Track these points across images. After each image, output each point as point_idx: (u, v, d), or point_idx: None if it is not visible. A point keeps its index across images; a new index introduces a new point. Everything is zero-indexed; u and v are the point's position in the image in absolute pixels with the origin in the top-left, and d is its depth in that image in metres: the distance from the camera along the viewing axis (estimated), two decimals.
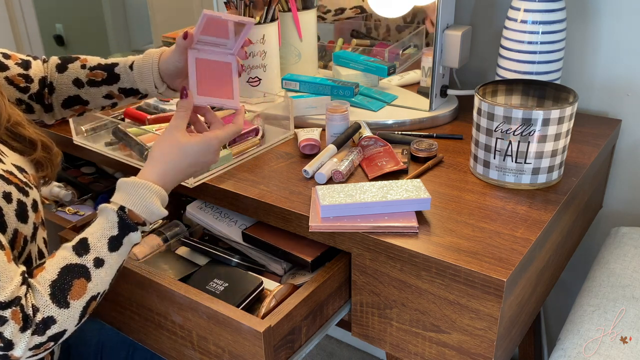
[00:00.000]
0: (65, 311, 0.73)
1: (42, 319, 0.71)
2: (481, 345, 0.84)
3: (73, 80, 1.02)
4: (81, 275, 0.75)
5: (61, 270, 0.74)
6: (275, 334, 0.82)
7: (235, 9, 1.25)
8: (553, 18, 1.11)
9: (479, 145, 1.00)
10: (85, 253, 0.76)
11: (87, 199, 1.31)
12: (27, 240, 0.79)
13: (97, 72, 1.02)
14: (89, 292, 0.76)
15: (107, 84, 1.03)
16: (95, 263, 0.77)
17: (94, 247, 0.77)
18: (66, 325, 0.74)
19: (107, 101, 1.05)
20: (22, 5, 2.61)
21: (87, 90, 1.03)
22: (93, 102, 1.05)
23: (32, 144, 0.86)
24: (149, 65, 1.00)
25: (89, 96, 1.04)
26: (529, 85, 1.06)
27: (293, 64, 1.40)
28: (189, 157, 0.87)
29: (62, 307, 0.73)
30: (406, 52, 1.43)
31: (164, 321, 0.94)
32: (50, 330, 0.72)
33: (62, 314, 0.73)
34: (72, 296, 0.74)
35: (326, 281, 0.91)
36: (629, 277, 1.07)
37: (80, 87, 1.03)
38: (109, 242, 0.78)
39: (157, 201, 0.82)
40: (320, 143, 1.13)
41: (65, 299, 0.73)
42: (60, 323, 0.73)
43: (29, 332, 0.70)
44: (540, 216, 0.91)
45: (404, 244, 0.85)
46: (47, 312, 0.72)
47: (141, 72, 1.01)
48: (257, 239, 1.03)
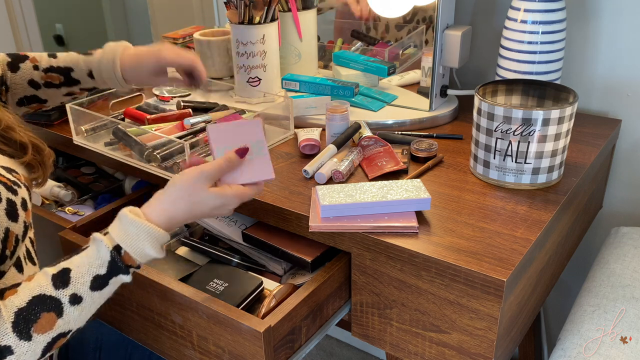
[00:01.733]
0: (25, 344, 0.67)
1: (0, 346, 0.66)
2: (481, 345, 0.84)
3: (28, 81, 1.05)
4: (51, 310, 0.69)
5: (32, 299, 0.69)
6: (275, 334, 0.82)
7: (235, 9, 1.25)
8: (553, 18, 1.10)
9: (479, 145, 1.00)
10: (63, 287, 0.71)
11: (87, 199, 1.31)
12: (18, 239, 0.77)
13: (52, 75, 1.06)
14: (57, 328, 0.70)
15: (66, 85, 1.07)
16: (72, 299, 0.71)
17: (74, 281, 0.71)
18: (25, 358, 0.68)
19: (67, 98, 1.10)
20: (22, 5, 2.60)
21: (44, 91, 1.06)
22: (52, 100, 1.09)
23: (22, 148, 0.83)
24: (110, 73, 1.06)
25: (48, 96, 1.07)
26: (529, 85, 1.06)
27: (293, 64, 1.40)
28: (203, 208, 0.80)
29: (23, 339, 0.67)
30: (406, 52, 1.43)
31: (164, 321, 0.94)
32: None
33: (21, 346, 0.67)
34: (37, 329, 0.68)
35: (326, 281, 0.91)
36: (629, 277, 1.07)
37: (37, 88, 1.05)
38: (93, 280, 0.72)
39: (157, 247, 0.76)
40: (320, 143, 1.13)
41: (28, 331, 0.67)
42: (18, 355, 0.67)
43: None
44: (540, 216, 0.91)
45: (404, 244, 0.85)
46: (5, 341, 0.66)
47: (102, 79, 1.07)
48: (257, 239, 1.03)
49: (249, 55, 1.28)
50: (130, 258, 0.75)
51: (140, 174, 1.15)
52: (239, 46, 1.28)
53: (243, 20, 1.25)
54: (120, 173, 1.36)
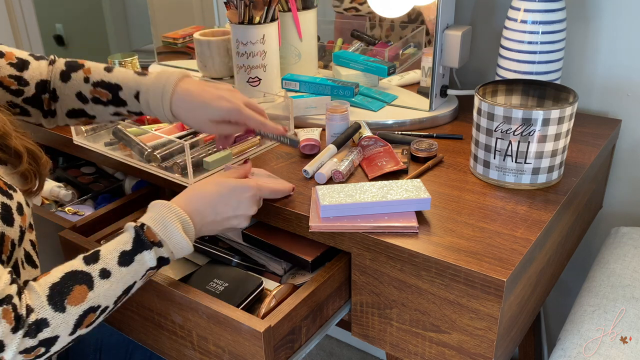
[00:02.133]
0: (60, 315, 0.70)
1: (36, 320, 0.69)
2: (481, 345, 0.84)
3: (77, 94, 0.97)
4: (83, 282, 0.73)
5: (64, 275, 0.73)
6: (275, 334, 0.82)
7: (235, 9, 1.25)
8: (553, 18, 1.11)
9: (479, 145, 1.00)
10: (94, 262, 0.75)
11: (87, 199, 1.31)
12: (14, 244, 0.77)
13: (100, 91, 0.96)
14: (88, 300, 0.73)
15: (114, 105, 0.97)
16: (101, 273, 0.74)
17: (103, 258, 0.75)
18: (59, 331, 0.71)
19: (115, 117, 1.01)
20: (22, 5, 2.60)
21: (92, 107, 0.98)
22: (100, 117, 1.00)
23: (17, 156, 0.80)
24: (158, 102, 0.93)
25: (96, 112, 0.99)
26: (529, 85, 1.06)
27: (293, 64, 1.40)
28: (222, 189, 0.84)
29: (58, 311, 0.70)
30: (406, 52, 1.43)
31: (164, 321, 0.94)
32: (42, 334, 0.69)
33: (56, 318, 0.70)
34: (70, 301, 0.71)
35: (326, 281, 0.91)
36: (629, 277, 1.07)
37: (85, 102, 0.97)
38: (120, 255, 0.76)
39: (177, 223, 0.79)
40: (320, 143, 1.13)
41: (62, 303, 0.71)
42: (53, 327, 0.70)
43: (21, 333, 0.68)
44: (540, 216, 0.91)
45: (404, 244, 0.85)
46: (42, 313, 0.69)
47: (149, 106, 0.95)
48: (257, 239, 1.03)
49: (249, 55, 1.28)
50: (152, 233, 0.78)
51: (140, 174, 1.15)
52: (239, 46, 1.28)
53: (243, 20, 1.25)
54: (120, 173, 1.36)
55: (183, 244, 0.81)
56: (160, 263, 0.80)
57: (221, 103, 0.93)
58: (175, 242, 0.80)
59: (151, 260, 0.78)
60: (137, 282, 0.79)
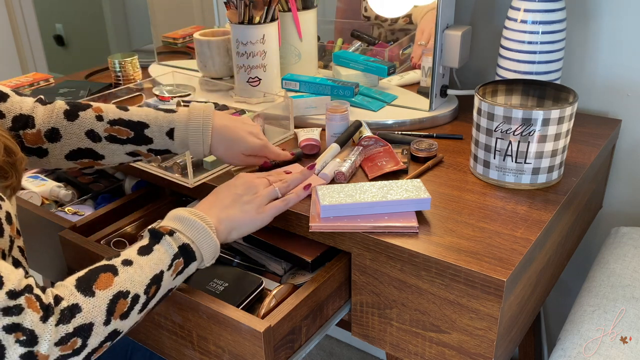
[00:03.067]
0: (90, 299, 0.70)
1: (67, 306, 0.68)
2: (481, 345, 0.84)
3: (87, 132, 0.93)
4: (108, 270, 0.74)
5: (89, 270, 0.74)
6: (275, 334, 0.82)
7: (235, 9, 1.25)
8: (553, 18, 1.11)
9: (479, 145, 1.00)
10: (115, 257, 0.77)
11: (87, 199, 1.31)
12: (5, 254, 0.75)
13: (120, 129, 0.94)
14: (115, 285, 0.73)
15: (134, 143, 0.95)
16: (123, 262, 0.76)
17: (124, 254, 0.78)
18: (92, 317, 0.69)
19: (129, 158, 0.97)
20: (22, 5, 2.61)
21: (105, 145, 0.94)
22: (110, 158, 0.96)
23: None
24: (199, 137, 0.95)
25: (107, 151, 0.95)
26: (529, 85, 1.06)
27: (293, 64, 1.40)
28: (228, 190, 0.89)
29: (87, 296, 0.70)
30: (406, 52, 1.43)
31: (164, 321, 0.94)
32: (75, 320, 0.67)
33: (87, 302, 0.69)
34: (98, 286, 0.71)
35: (326, 281, 0.91)
36: (629, 277, 1.07)
37: (97, 140, 0.94)
38: (139, 249, 0.78)
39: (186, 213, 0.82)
40: (320, 143, 1.13)
41: (90, 288, 0.71)
42: (86, 312, 0.69)
43: (52, 320, 0.65)
44: (540, 216, 0.91)
45: (404, 244, 0.85)
46: (72, 299, 0.68)
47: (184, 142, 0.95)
48: (257, 239, 1.03)
49: (249, 55, 1.28)
50: (165, 227, 0.80)
51: (140, 174, 1.15)
52: (239, 46, 1.28)
53: (243, 20, 1.26)
54: (120, 173, 1.36)
55: (196, 225, 0.81)
56: (183, 252, 0.79)
57: (253, 139, 1.00)
58: (189, 225, 0.81)
59: (169, 246, 0.79)
60: (166, 273, 0.78)
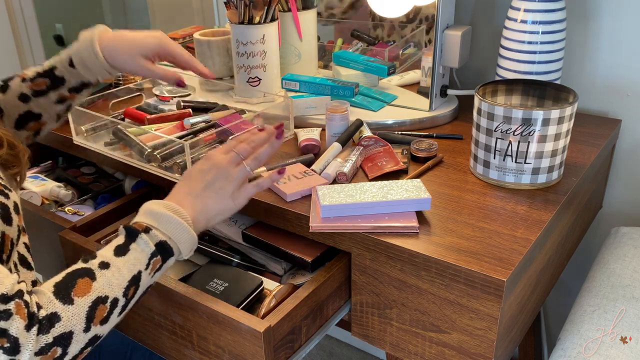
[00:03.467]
0: (69, 307, 0.69)
1: (46, 315, 0.67)
2: (481, 345, 0.84)
3: (18, 96, 0.98)
4: (85, 275, 0.73)
5: (66, 274, 0.73)
6: (275, 334, 0.82)
7: (235, 9, 1.25)
8: (553, 18, 1.11)
9: (479, 145, 1.00)
10: (91, 259, 0.75)
11: (87, 198, 1.31)
12: (13, 243, 0.77)
13: (39, 81, 0.98)
14: (94, 291, 0.72)
15: (53, 89, 0.99)
16: (100, 265, 0.74)
17: (100, 255, 0.76)
18: (71, 325, 0.69)
19: (60, 106, 1.01)
20: (22, 5, 2.60)
21: (35, 103, 0.99)
22: (46, 113, 1.01)
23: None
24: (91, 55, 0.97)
25: (40, 108, 1.00)
26: (529, 85, 1.06)
27: (293, 64, 1.40)
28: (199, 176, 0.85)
29: (66, 304, 0.69)
30: (406, 52, 1.43)
31: (164, 321, 0.94)
32: (55, 329, 0.68)
33: (66, 311, 0.69)
34: (76, 293, 0.70)
35: (326, 281, 0.91)
36: (629, 277, 1.07)
37: (27, 101, 0.98)
38: (115, 249, 0.77)
39: (160, 207, 0.79)
40: (320, 143, 1.13)
41: (69, 296, 0.70)
42: (65, 321, 0.69)
43: (35, 330, 0.66)
44: (540, 216, 0.91)
45: (404, 244, 0.85)
46: (51, 308, 0.68)
47: (84, 64, 0.97)
48: (257, 239, 1.03)
49: (249, 55, 1.28)
50: (139, 224, 0.79)
51: (140, 174, 1.15)
52: (239, 46, 1.28)
53: (243, 20, 1.26)
54: (120, 173, 1.36)
55: (172, 220, 0.79)
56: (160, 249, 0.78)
57: (149, 39, 0.99)
58: (165, 221, 0.79)
59: (146, 245, 0.77)
60: (144, 272, 0.77)
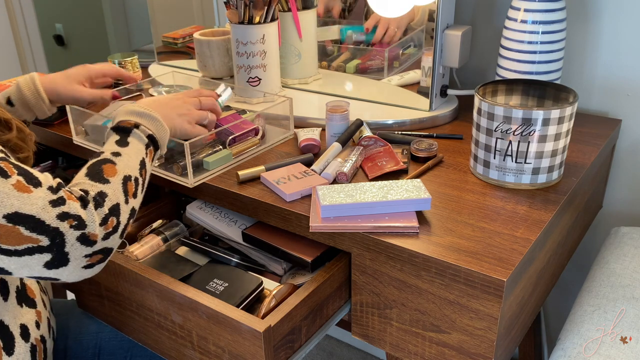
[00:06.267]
0: (109, 185, 0.79)
1: (95, 194, 0.77)
2: (481, 345, 0.84)
3: None
4: (107, 162, 0.83)
5: (89, 166, 0.82)
6: (275, 334, 0.82)
7: (235, 9, 1.25)
8: (553, 18, 1.11)
9: (479, 145, 1.00)
10: (102, 154, 0.85)
11: None
12: None
13: None
14: (120, 171, 0.82)
15: None
16: (113, 154, 0.84)
17: (106, 150, 0.85)
18: (116, 198, 0.79)
19: None
20: (22, 5, 2.60)
21: None
22: None
23: (7, 125, 0.86)
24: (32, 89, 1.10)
25: None
26: (529, 85, 1.06)
27: (293, 64, 1.40)
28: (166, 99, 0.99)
29: (105, 183, 0.79)
30: (406, 52, 1.43)
31: (164, 321, 0.94)
32: (107, 202, 0.77)
33: (108, 188, 0.79)
34: (107, 174, 0.80)
35: (326, 281, 0.91)
36: (629, 277, 1.07)
37: None
38: (116, 142, 0.87)
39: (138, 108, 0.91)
40: (320, 143, 1.13)
41: (103, 177, 0.80)
42: (111, 195, 0.78)
43: (91, 206, 0.75)
44: (540, 216, 0.91)
45: (404, 244, 0.85)
46: (95, 189, 0.78)
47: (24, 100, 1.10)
48: (257, 239, 1.03)
49: (249, 55, 1.28)
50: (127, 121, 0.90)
51: None
52: (239, 46, 1.28)
53: (243, 20, 1.25)
54: None
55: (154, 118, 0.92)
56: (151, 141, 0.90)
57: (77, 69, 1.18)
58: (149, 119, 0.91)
59: (140, 137, 0.89)
60: (146, 159, 0.89)
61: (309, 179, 1.00)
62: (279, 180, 0.99)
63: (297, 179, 1.00)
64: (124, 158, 0.84)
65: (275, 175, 1.01)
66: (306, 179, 1.00)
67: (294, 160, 1.07)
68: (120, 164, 0.83)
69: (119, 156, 0.84)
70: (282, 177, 1.00)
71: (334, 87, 1.39)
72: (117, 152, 0.85)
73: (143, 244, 1.07)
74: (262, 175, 1.02)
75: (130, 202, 0.82)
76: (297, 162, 1.06)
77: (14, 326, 0.86)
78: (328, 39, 1.49)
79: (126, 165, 0.84)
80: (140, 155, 0.87)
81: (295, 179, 1.00)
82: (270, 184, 1.00)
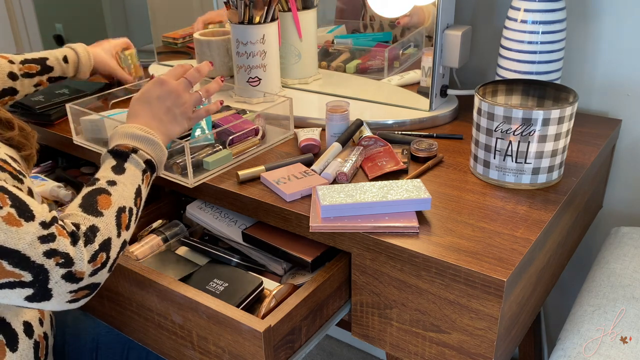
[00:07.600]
0: (102, 218, 0.78)
1: (87, 228, 0.76)
2: (481, 345, 0.84)
3: (7, 74, 1.20)
4: (102, 193, 0.81)
5: (83, 196, 0.81)
6: (275, 334, 0.82)
7: (235, 9, 1.25)
8: (553, 18, 1.11)
9: (479, 145, 1.00)
10: (97, 181, 0.84)
11: None
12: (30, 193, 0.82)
13: (31, 66, 1.24)
14: (114, 203, 0.81)
15: (40, 74, 1.25)
16: (109, 183, 0.83)
17: (101, 178, 0.84)
18: (108, 232, 0.78)
19: (33, 89, 1.26)
20: (22, 5, 2.60)
21: (21, 82, 1.22)
22: (22, 91, 1.24)
23: (8, 124, 0.86)
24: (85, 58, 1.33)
25: (22, 87, 1.23)
26: (529, 85, 1.06)
27: (293, 64, 1.40)
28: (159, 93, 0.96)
29: (98, 216, 0.78)
30: (406, 52, 1.43)
31: (164, 321, 0.94)
32: (98, 238, 0.76)
33: (100, 221, 0.78)
34: (101, 207, 0.79)
35: (326, 281, 0.91)
36: (629, 277, 1.07)
37: (15, 79, 1.21)
38: (112, 168, 0.85)
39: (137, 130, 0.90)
40: (320, 143, 1.13)
41: (97, 210, 0.79)
42: (103, 230, 0.78)
43: (81, 243, 0.74)
44: (540, 216, 0.91)
45: (404, 244, 0.85)
46: (88, 222, 0.77)
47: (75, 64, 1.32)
48: (257, 239, 1.03)
49: (249, 55, 1.28)
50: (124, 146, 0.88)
51: None
52: (239, 46, 1.28)
53: (243, 20, 1.25)
54: None
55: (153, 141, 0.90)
56: (149, 166, 0.89)
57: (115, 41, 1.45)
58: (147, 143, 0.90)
59: (138, 163, 0.87)
60: (142, 186, 0.88)
61: (309, 179, 1.00)
62: (279, 180, 0.99)
63: (297, 179, 1.00)
64: (119, 188, 0.83)
65: (275, 175, 1.01)
66: (306, 179, 1.00)
67: (294, 160, 1.07)
68: (115, 195, 0.82)
69: (115, 185, 0.83)
70: (282, 177, 1.00)
71: (334, 87, 1.39)
72: (112, 181, 0.84)
73: (143, 244, 1.07)
74: (262, 175, 1.02)
75: (122, 235, 0.81)
76: (297, 162, 1.06)
77: (17, 323, 0.86)
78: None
79: (121, 196, 0.83)
80: (136, 183, 0.86)
81: (295, 179, 1.00)
82: (270, 184, 1.00)
